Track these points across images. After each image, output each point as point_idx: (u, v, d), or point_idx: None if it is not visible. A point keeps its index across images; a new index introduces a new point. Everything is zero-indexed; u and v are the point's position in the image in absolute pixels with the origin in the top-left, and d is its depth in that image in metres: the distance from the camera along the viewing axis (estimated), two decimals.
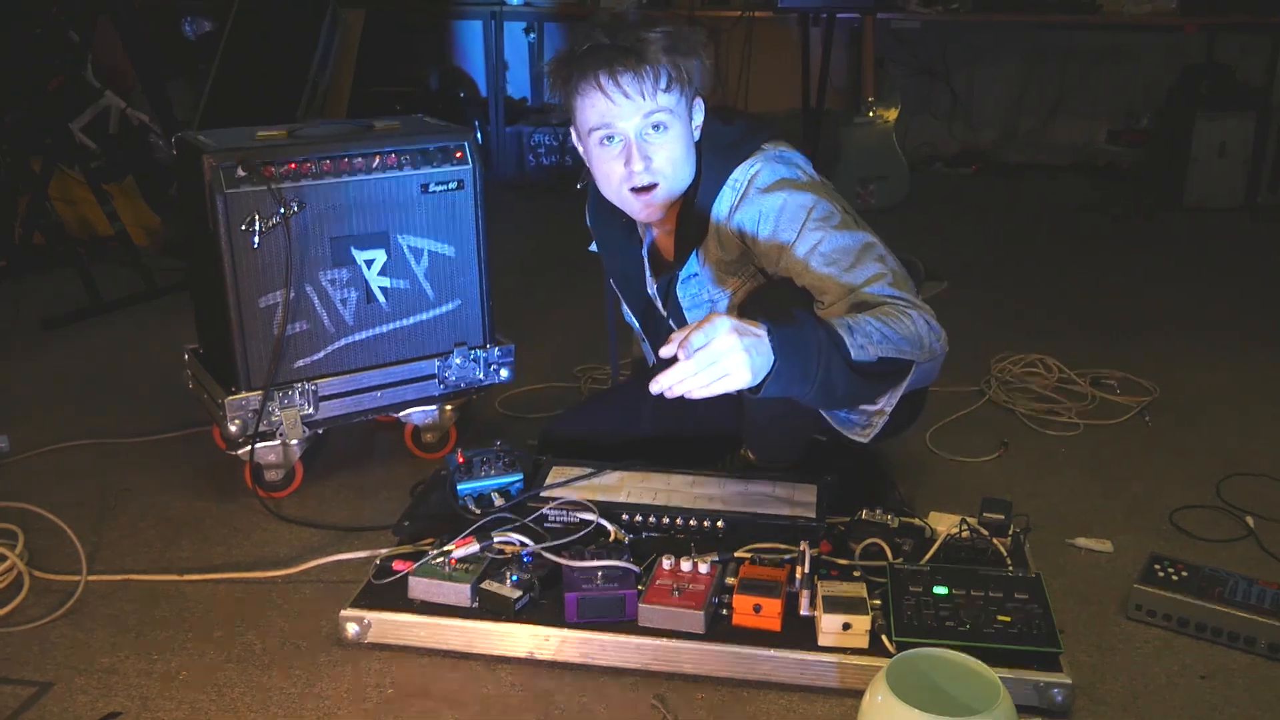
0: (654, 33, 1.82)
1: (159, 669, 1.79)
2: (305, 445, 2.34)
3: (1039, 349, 3.07)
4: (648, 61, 1.80)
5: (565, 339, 3.18)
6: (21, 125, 3.80)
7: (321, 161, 2.21)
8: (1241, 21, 4.92)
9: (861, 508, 2.01)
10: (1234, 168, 4.79)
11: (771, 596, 1.75)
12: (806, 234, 1.83)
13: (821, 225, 1.83)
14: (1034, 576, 1.79)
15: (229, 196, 2.12)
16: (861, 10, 4.91)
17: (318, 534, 2.20)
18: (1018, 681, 1.64)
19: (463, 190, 2.36)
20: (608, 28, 1.85)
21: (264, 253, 2.18)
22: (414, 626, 1.80)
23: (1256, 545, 2.14)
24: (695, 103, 1.94)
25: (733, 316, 1.58)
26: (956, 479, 2.34)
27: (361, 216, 2.27)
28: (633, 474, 2.12)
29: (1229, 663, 1.79)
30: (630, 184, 1.88)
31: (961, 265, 3.96)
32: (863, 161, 4.84)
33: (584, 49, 1.84)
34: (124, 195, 4.14)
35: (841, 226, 1.85)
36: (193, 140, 2.23)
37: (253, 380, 2.23)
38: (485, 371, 2.47)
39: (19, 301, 3.47)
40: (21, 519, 2.15)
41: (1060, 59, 5.50)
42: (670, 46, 1.83)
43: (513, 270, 4.02)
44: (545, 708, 1.69)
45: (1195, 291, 3.77)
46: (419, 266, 2.35)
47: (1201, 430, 2.66)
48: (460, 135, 2.36)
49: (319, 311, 2.27)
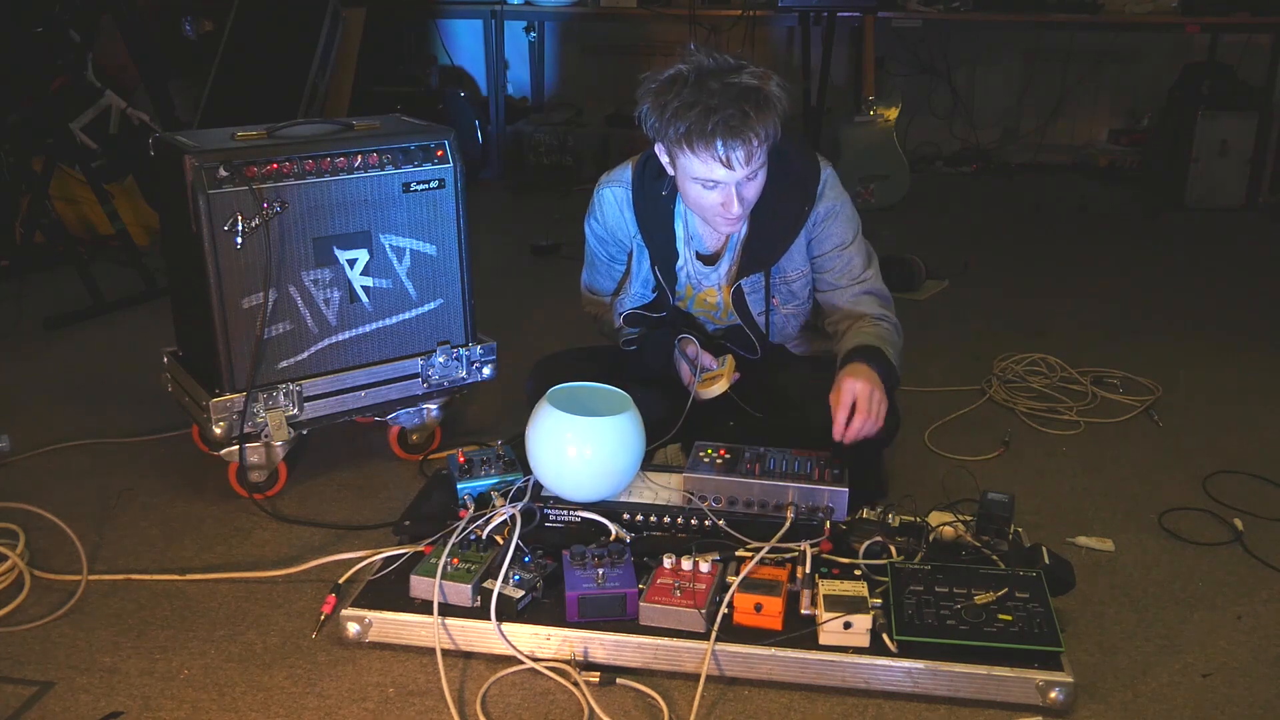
0: (761, 97, 1.96)
1: (160, 668, 1.79)
2: (289, 446, 2.34)
3: (1040, 348, 3.07)
4: (757, 136, 1.97)
5: (566, 337, 3.17)
6: (23, 125, 3.80)
7: (303, 161, 2.21)
8: (1243, 21, 4.93)
9: (862, 507, 2.02)
10: (1235, 167, 4.79)
11: (772, 595, 1.75)
12: (861, 237, 2.24)
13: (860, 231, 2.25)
14: (1035, 575, 1.79)
15: (211, 197, 2.12)
16: (862, 9, 4.91)
17: (318, 534, 2.20)
18: (1019, 680, 1.64)
19: (444, 189, 2.36)
20: (719, 82, 1.96)
21: (247, 253, 2.17)
22: (414, 626, 1.80)
23: (1250, 545, 2.14)
24: None
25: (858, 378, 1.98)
26: (957, 478, 2.34)
27: (343, 216, 2.27)
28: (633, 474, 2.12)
29: (1230, 662, 1.79)
30: (725, 216, 2.08)
31: (961, 265, 3.95)
32: (863, 160, 4.84)
33: (696, 109, 1.95)
34: (125, 195, 4.14)
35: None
36: (173, 141, 2.22)
37: (237, 382, 2.23)
38: (468, 370, 2.48)
39: (21, 301, 3.48)
40: (22, 519, 2.15)
41: (1061, 58, 5.49)
42: (773, 110, 1.99)
43: (513, 269, 4.02)
44: (546, 707, 1.69)
45: (1196, 291, 3.77)
46: (401, 266, 2.35)
47: (1202, 430, 2.66)
48: (440, 134, 2.36)
49: (302, 312, 2.27)
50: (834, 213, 2.19)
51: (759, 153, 2.00)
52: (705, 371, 2.21)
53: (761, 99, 1.97)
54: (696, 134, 1.96)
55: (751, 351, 2.33)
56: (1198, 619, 1.91)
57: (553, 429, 1.99)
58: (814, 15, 5.10)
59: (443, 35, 5.76)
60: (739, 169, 1.99)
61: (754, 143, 1.97)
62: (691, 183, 2.05)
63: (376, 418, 2.46)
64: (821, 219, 2.19)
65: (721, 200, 2.05)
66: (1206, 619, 1.91)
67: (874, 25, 4.88)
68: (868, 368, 2.03)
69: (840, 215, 2.20)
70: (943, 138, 5.71)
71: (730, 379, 2.21)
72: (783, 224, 2.19)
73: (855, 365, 2.04)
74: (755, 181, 2.06)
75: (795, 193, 2.17)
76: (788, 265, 2.23)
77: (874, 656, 1.69)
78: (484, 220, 4.19)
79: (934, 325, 3.35)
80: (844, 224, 2.21)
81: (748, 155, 1.98)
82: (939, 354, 3.10)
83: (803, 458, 2.07)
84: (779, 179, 2.14)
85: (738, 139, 1.95)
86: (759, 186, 2.08)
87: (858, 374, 2.01)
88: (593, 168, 5.05)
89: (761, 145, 1.99)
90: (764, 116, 1.97)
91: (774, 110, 1.99)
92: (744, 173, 2.00)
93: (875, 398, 1.99)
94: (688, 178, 2.05)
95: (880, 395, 2.00)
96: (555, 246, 4.19)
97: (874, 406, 1.98)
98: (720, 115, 1.93)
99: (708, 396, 2.20)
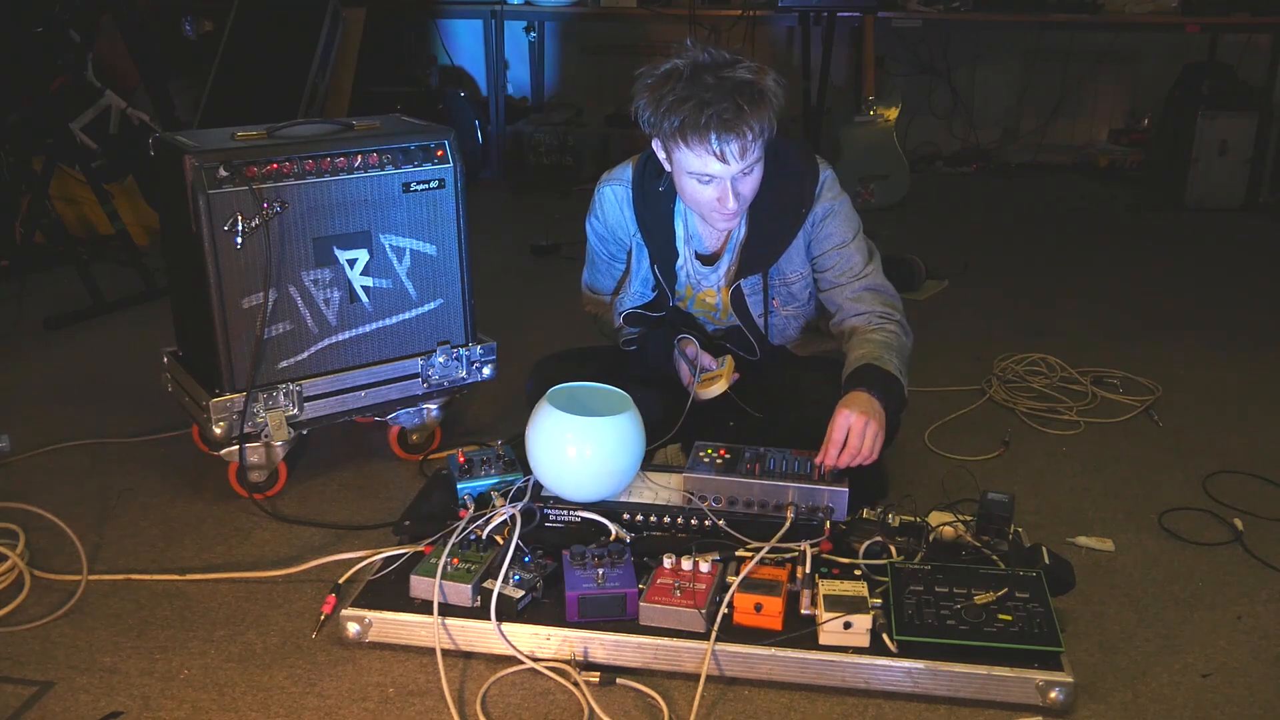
0: (755, 91, 1.96)
1: (160, 668, 1.79)
2: (289, 446, 2.34)
3: (1040, 348, 3.07)
4: (752, 130, 1.96)
5: (566, 337, 3.18)
6: (23, 125, 3.80)
7: (303, 161, 2.21)
8: (1243, 21, 4.93)
9: (862, 507, 2.02)
10: (1235, 167, 4.79)
11: (772, 595, 1.75)
12: (862, 236, 2.23)
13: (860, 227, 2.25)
14: (1035, 575, 1.79)
15: (211, 197, 2.12)
16: (862, 9, 4.91)
17: (318, 534, 2.20)
18: (1019, 680, 1.64)
19: (444, 189, 2.36)
20: (714, 76, 1.96)
21: (247, 253, 2.17)
22: (414, 626, 1.80)
23: (1250, 545, 2.14)
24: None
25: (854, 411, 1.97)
26: (957, 478, 2.34)
27: (343, 216, 2.27)
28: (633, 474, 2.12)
29: (1230, 661, 1.79)
30: (721, 212, 2.07)
31: (961, 265, 3.95)
32: (863, 160, 4.84)
33: (690, 103, 1.95)
34: (125, 195, 4.15)
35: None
36: (173, 141, 2.22)
37: (237, 382, 2.23)
38: (468, 370, 2.48)
39: (21, 301, 3.48)
40: (22, 519, 2.15)
41: (1061, 58, 5.49)
42: (768, 105, 1.98)
43: (513, 269, 4.02)
44: (546, 707, 1.69)
45: (1196, 291, 3.77)
46: (401, 266, 2.35)
47: (1202, 430, 2.66)
48: (440, 134, 2.36)
49: (302, 312, 2.27)
50: (832, 212, 2.19)
51: (754, 147, 1.99)
52: (705, 371, 2.21)
53: (756, 93, 1.96)
54: (691, 128, 1.95)
55: (751, 353, 2.33)
56: (1198, 619, 1.91)
57: (553, 429, 1.99)
58: (814, 15, 5.10)
59: (443, 35, 5.76)
60: (734, 163, 1.98)
61: (748, 137, 1.96)
62: (687, 177, 2.05)
63: (376, 418, 2.46)
64: (820, 219, 2.19)
65: (717, 195, 2.04)
66: (1206, 619, 1.91)
67: (874, 25, 4.88)
68: (868, 396, 2.01)
69: (839, 215, 2.20)
70: (943, 138, 5.72)
71: (730, 379, 2.21)
72: (781, 225, 2.19)
73: (855, 394, 2.01)
74: (751, 177, 2.06)
75: (794, 194, 2.18)
76: (787, 267, 2.23)
77: (874, 656, 1.69)
78: (484, 220, 4.20)
79: (934, 325, 3.35)
80: (843, 223, 2.20)
81: (742, 149, 1.97)
82: (939, 354, 3.10)
83: (803, 458, 2.07)
84: (777, 180, 2.14)
85: (732, 133, 1.95)
86: (755, 182, 2.08)
87: (855, 404, 1.99)
88: (593, 168, 5.05)
89: (756, 140, 1.98)
90: (759, 111, 1.96)
91: (769, 105, 1.98)
92: (739, 167, 2.00)
93: (870, 431, 1.96)
94: (683, 172, 2.05)
95: (876, 428, 1.97)
96: (555, 246, 4.19)
97: (866, 442, 1.96)
98: (715, 109, 1.93)
99: (707, 397, 2.20)
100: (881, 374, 2.04)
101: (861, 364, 2.06)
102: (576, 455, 1.98)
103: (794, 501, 1.98)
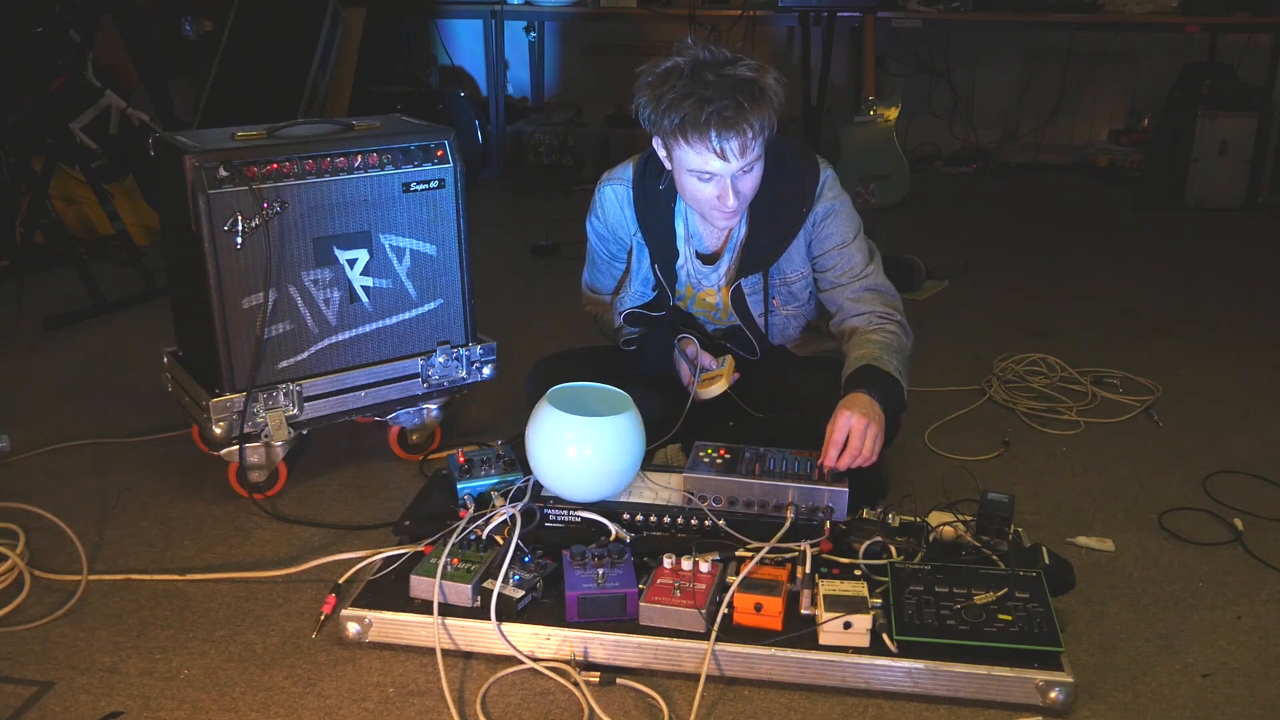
0: (756, 89, 1.96)
1: (160, 668, 1.79)
2: (289, 446, 2.34)
3: (1040, 348, 3.07)
4: (752, 127, 1.96)
5: (566, 337, 3.18)
6: (23, 125, 3.80)
7: (303, 161, 2.20)
8: (1243, 21, 4.93)
9: (862, 507, 2.02)
10: (1235, 167, 4.78)
11: (772, 595, 1.75)
12: (862, 235, 2.23)
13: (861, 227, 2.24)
14: (1035, 575, 1.79)
15: (211, 197, 2.12)
16: (862, 9, 4.91)
17: (318, 534, 2.20)
18: (1019, 680, 1.64)
19: (444, 189, 2.36)
20: (715, 73, 1.96)
21: (247, 253, 2.17)
22: (414, 626, 1.80)
23: (1250, 545, 2.14)
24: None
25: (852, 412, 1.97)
26: (957, 478, 2.34)
27: (343, 216, 2.27)
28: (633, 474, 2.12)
29: (1230, 662, 1.79)
30: (721, 210, 2.08)
31: (961, 265, 3.95)
32: (863, 160, 4.84)
33: (691, 100, 1.95)
34: (125, 195, 4.14)
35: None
36: (173, 141, 2.22)
37: (237, 382, 2.23)
38: (468, 370, 2.48)
39: (21, 301, 3.48)
40: (22, 519, 2.15)
41: (1061, 58, 5.49)
42: (768, 103, 1.98)
43: (513, 269, 4.02)
44: (546, 707, 1.69)
45: (1196, 291, 3.77)
46: (401, 266, 2.35)
47: (1202, 430, 2.66)
48: (440, 134, 2.36)
49: (302, 312, 2.27)
50: (833, 212, 2.19)
51: (754, 145, 1.99)
52: (705, 371, 2.21)
53: (756, 91, 1.97)
54: (691, 125, 1.95)
55: (751, 353, 2.33)
56: (1198, 619, 1.91)
57: (553, 429, 1.99)
58: (814, 15, 5.10)
59: (443, 35, 5.76)
60: (734, 161, 1.99)
61: (748, 134, 1.96)
62: (687, 175, 2.05)
63: (376, 418, 2.46)
64: (820, 219, 2.19)
65: (717, 193, 2.04)
66: (1206, 619, 1.91)
67: (874, 25, 4.88)
68: (867, 398, 2.01)
69: (839, 214, 2.20)
70: (943, 138, 5.72)
71: (730, 379, 2.21)
72: (781, 225, 2.19)
73: (854, 396, 2.02)
74: (751, 175, 2.05)
75: (794, 194, 2.18)
76: (787, 266, 2.23)
77: (874, 656, 1.69)
78: (484, 220, 4.20)
79: (934, 325, 3.35)
80: (843, 223, 2.20)
81: (742, 147, 1.97)
82: (939, 354, 3.10)
83: (803, 458, 2.07)
84: (778, 180, 2.14)
85: (732, 130, 1.95)
86: (755, 180, 2.08)
87: (855, 406, 1.99)
88: (593, 168, 5.05)
89: (756, 137, 1.98)
90: (759, 108, 1.96)
91: (769, 102, 1.98)
92: (739, 165, 2.00)
93: (870, 433, 1.96)
94: (684, 170, 2.05)
95: (876, 429, 1.98)
96: (555, 246, 4.19)
97: (866, 444, 1.96)
98: (715, 106, 1.93)
99: (707, 396, 2.20)
100: (881, 375, 2.04)
101: (861, 365, 2.06)
102: (576, 455, 1.98)
103: (794, 501, 1.98)
